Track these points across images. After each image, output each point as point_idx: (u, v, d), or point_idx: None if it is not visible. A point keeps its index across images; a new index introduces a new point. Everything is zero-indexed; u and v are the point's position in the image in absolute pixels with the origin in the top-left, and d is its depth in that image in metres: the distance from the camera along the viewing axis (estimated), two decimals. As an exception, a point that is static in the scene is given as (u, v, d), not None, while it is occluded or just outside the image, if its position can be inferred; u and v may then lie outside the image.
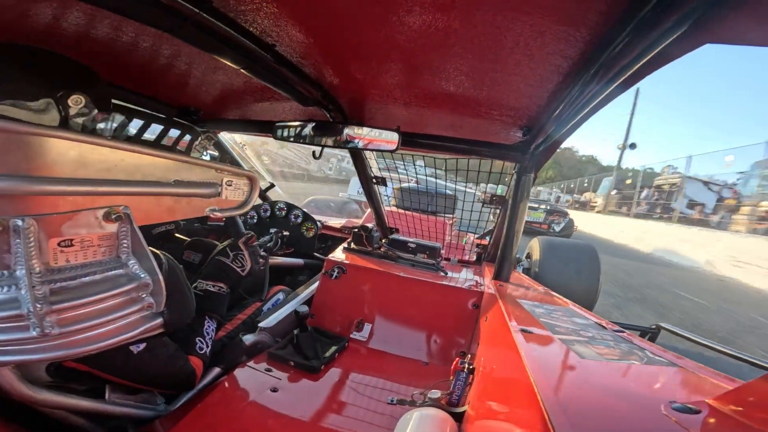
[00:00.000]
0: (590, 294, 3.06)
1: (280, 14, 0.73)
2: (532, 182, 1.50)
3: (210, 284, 1.30)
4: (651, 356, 0.78)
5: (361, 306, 1.69)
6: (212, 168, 0.92)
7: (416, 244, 2.05)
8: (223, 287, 1.33)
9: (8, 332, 0.56)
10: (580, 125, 1.05)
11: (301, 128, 1.43)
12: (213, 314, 1.26)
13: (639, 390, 0.62)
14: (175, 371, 1.03)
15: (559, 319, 1.07)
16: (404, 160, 1.94)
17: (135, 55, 0.95)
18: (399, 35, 0.75)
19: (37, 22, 0.75)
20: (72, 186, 0.60)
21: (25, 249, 0.54)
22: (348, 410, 1.13)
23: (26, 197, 0.55)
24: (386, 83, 1.07)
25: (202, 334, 1.18)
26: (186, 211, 0.86)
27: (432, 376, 1.31)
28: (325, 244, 2.60)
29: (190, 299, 0.92)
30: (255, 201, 1.06)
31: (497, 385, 0.89)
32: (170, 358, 1.01)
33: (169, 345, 1.03)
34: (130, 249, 0.69)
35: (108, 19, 0.74)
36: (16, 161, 0.53)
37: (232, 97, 1.44)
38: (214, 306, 1.28)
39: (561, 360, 0.72)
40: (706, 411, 0.48)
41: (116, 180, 0.67)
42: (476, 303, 1.61)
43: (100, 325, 0.64)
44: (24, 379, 0.75)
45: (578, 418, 0.47)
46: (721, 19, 0.50)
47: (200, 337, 1.17)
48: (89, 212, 0.62)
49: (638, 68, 0.66)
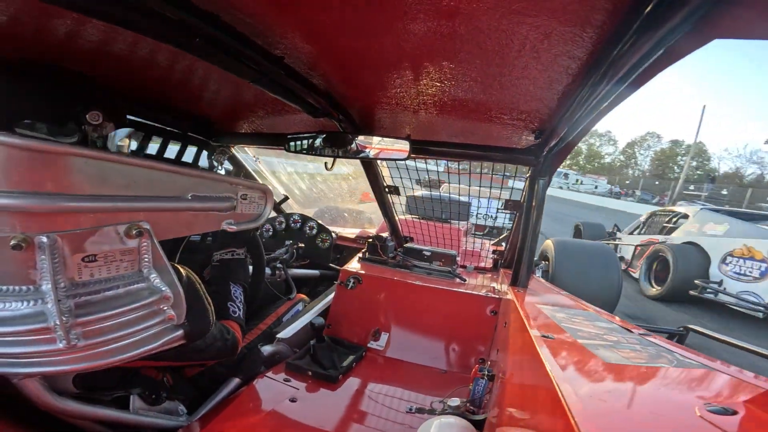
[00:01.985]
0: (610, 295, 2.99)
1: (287, 27, 0.75)
2: (547, 185, 1.48)
3: (224, 252, 1.31)
4: (681, 359, 0.75)
5: (377, 315, 1.69)
6: (227, 182, 0.94)
7: (431, 252, 2.04)
8: (237, 251, 1.33)
9: (36, 344, 0.58)
10: (593, 126, 1.03)
11: (313, 140, 1.45)
12: (236, 280, 1.27)
13: (671, 393, 0.60)
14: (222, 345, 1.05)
15: (581, 323, 1.05)
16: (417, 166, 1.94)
17: (149, 71, 0.98)
18: (405, 43, 0.76)
19: (53, 40, 0.78)
20: (93, 203, 0.62)
21: (50, 264, 0.56)
22: (367, 420, 1.12)
23: (50, 214, 0.57)
24: (394, 91, 1.08)
25: (232, 299, 1.21)
26: (203, 225, 0.88)
27: (450, 384, 1.29)
28: (340, 254, 2.61)
29: (209, 311, 0.94)
30: (269, 214, 1.08)
31: (519, 392, 0.87)
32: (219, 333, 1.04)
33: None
34: (151, 263, 0.71)
35: (122, 36, 0.76)
36: (39, 179, 0.56)
37: (243, 110, 1.47)
38: (235, 272, 1.29)
39: (586, 365, 0.70)
40: (743, 412, 0.46)
41: (136, 196, 0.69)
42: (494, 309, 1.58)
43: (123, 337, 0.66)
44: (50, 389, 0.77)
45: (608, 424, 0.45)
46: (730, 13, 0.49)
47: (231, 302, 1.20)
48: (111, 228, 0.65)
49: (647, 66, 0.65)
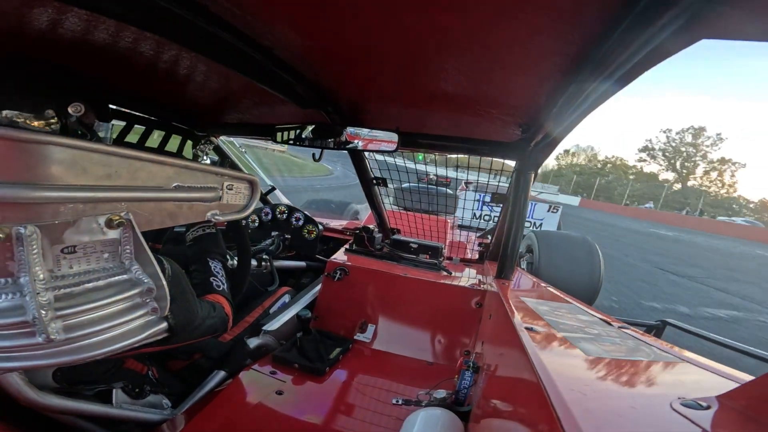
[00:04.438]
0: (592, 286, 3.06)
1: (277, 18, 0.74)
2: (532, 180, 1.50)
3: (195, 230, 1.28)
4: (658, 352, 0.78)
5: (364, 307, 1.69)
6: (213, 172, 0.92)
7: (418, 244, 2.05)
8: (206, 225, 1.30)
9: (14, 338, 0.56)
10: (578, 122, 1.05)
11: (301, 130, 1.44)
12: (213, 254, 1.24)
13: (647, 386, 0.62)
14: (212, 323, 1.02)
15: (564, 316, 1.07)
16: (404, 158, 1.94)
17: (133, 60, 0.95)
18: (396, 36, 0.75)
19: (32, 31, 0.75)
20: (73, 192, 0.60)
21: (28, 256, 0.54)
22: (353, 412, 1.13)
23: (28, 205, 0.55)
24: (384, 84, 1.07)
25: (213, 274, 1.18)
26: (188, 216, 0.87)
27: (436, 375, 1.31)
28: (327, 246, 2.60)
29: (194, 303, 0.93)
30: (256, 204, 1.07)
31: (503, 384, 0.89)
32: (207, 311, 1.01)
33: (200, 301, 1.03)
34: (132, 255, 0.69)
35: (105, 25, 0.74)
36: (17, 169, 0.54)
37: (231, 100, 1.44)
38: (210, 247, 1.26)
39: (568, 357, 0.72)
40: (716, 406, 0.48)
41: (117, 186, 0.67)
42: (479, 302, 1.61)
43: (105, 330, 0.64)
44: (31, 385, 0.76)
45: (586, 415, 0.47)
46: (717, 13, 0.50)
47: (213, 276, 1.17)
48: (91, 219, 0.63)
49: (635, 65, 0.66)
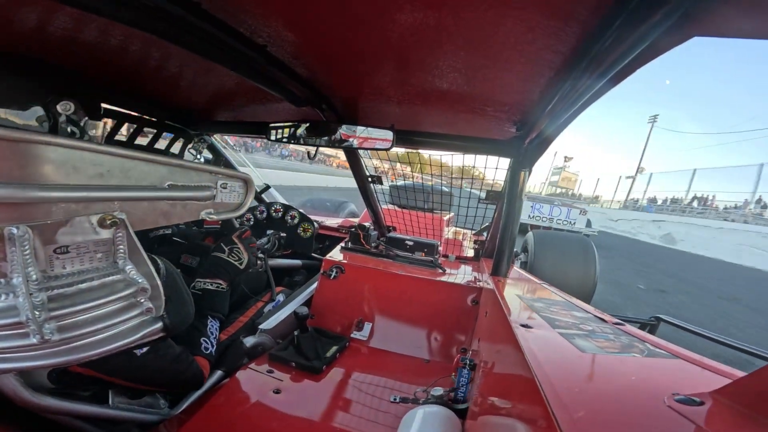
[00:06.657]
0: (587, 285, 3.08)
1: (271, 14, 0.73)
2: (527, 177, 1.50)
3: (208, 282, 1.29)
4: (652, 348, 0.78)
5: (360, 305, 1.69)
6: (206, 171, 0.92)
7: (414, 241, 2.05)
8: (222, 284, 1.31)
9: (8, 340, 0.56)
10: (572, 120, 1.06)
11: (295, 129, 1.43)
12: (215, 313, 1.25)
13: (641, 383, 0.62)
14: (182, 371, 1.03)
15: (559, 312, 1.08)
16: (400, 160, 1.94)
17: (124, 58, 0.94)
18: (390, 33, 0.75)
19: (22, 29, 0.74)
20: (65, 192, 0.59)
21: (20, 257, 0.54)
22: (351, 410, 1.13)
23: (19, 205, 0.54)
24: (379, 81, 1.07)
25: (207, 334, 1.18)
26: (182, 215, 0.86)
27: (434, 373, 1.32)
28: (322, 244, 2.59)
29: (189, 303, 0.92)
30: (251, 203, 1.06)
31: (499, 381, 0.90)
32: (176, 359, 1.01)
33: (174, 346, 1.03)
34: (126, 254, 0.69)
35: (95, 23, 0.73)
36: (6, 168, 0.53)
37: (224, 98, 1.43)
38: (214, 304, 1.27)
39: (563, 354, 0.73)
40: (710, 402, 0.48)
41: (110, 185, 0.66)
42: (475, 299, 1.61)
43: (99, 330, 0.64)
44: (27, 386, 0.75)
45: (581, 411, 0.47)
46: (709, 11, 0.50)
47: (204, 337, 1.16)
48: (83, 218, 0.62)
49: (628, 62, 0.67)
